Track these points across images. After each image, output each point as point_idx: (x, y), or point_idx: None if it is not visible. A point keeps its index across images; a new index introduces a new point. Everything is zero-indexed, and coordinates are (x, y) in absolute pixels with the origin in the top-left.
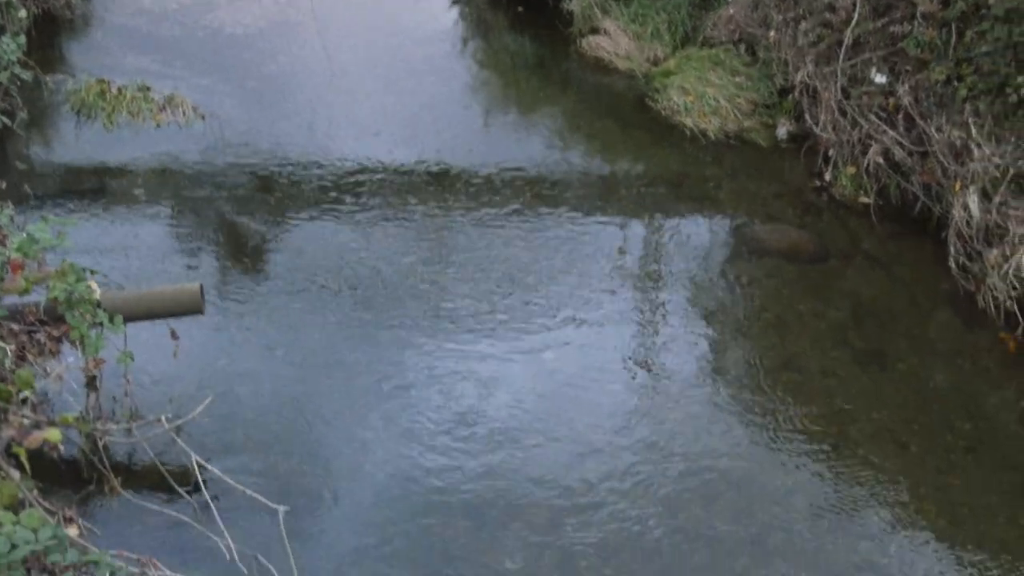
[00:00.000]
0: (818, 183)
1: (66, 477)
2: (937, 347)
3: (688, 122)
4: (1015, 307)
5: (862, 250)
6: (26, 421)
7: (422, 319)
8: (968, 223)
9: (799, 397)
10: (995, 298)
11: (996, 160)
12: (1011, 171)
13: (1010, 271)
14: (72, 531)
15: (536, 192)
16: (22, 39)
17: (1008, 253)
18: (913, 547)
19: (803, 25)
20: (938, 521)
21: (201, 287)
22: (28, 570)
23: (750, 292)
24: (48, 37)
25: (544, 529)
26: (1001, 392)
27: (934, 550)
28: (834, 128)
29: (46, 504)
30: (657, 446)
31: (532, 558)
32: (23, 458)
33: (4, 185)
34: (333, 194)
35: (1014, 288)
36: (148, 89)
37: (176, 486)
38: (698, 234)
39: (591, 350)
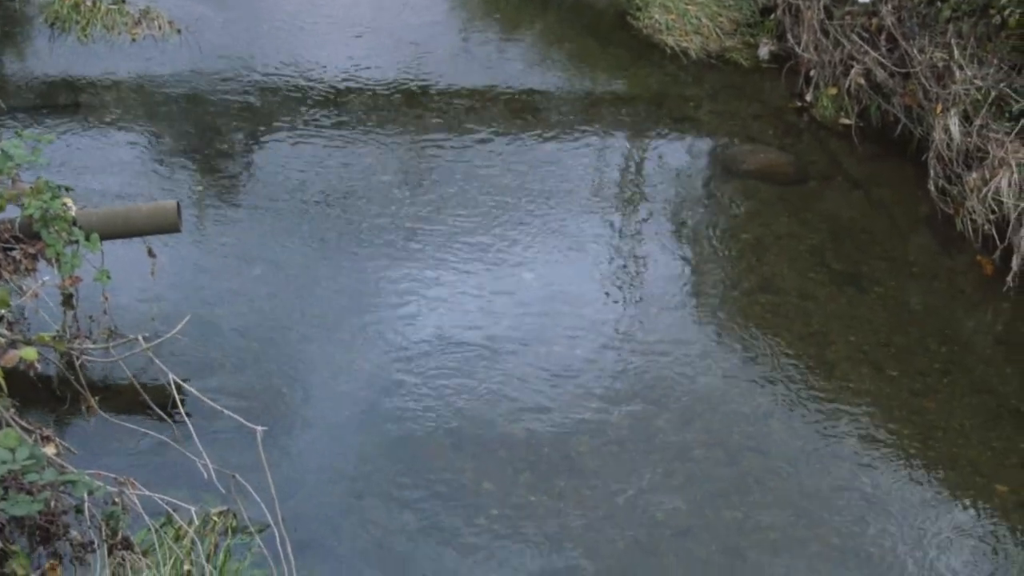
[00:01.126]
0: (799, 104)
1: (43, 396)
2: (914, 270)
3: (669, 41)
4: (993, 231)
5: (842, 172)
6: (2, 339)
7: (400, 239)
8: (948, 146)
9: (776, 319)
10: (973, 221)
11: (978, 83)
12: (992, 94)
13: (989, 194)
14: (50, 450)
15: (516, 111)
16: None
17: (987, 176)
18: (887, 469)
19: None
20: (912, 443)
21: (178, 205)
22: (5, 489)
23: (729, 213)
24: None
25: (521, 451)
26: (977, 315)
27: (908, 472)
28: (816, 48)
29: (23, 423)
30: (634, 367)
31: (508, 479)
32: None
33: None
34: (312, 112)
35: (992, 212)
36: (123, 2)
37: (154, 406)
38: (678, 155)
39: (570, 271)
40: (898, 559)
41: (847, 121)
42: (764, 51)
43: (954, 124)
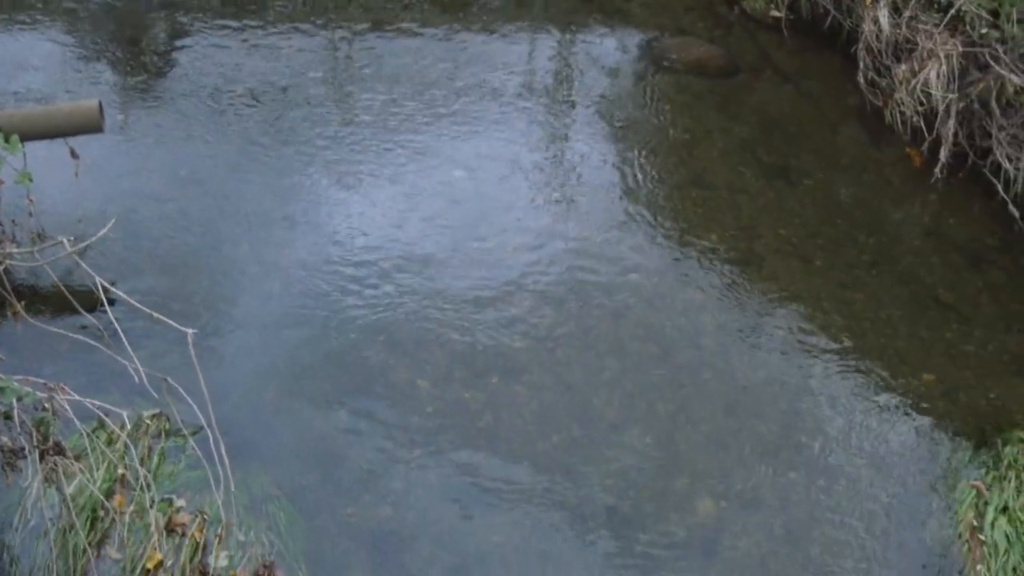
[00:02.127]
0: None
1: None
2: (843, 162)
3: None
4: (921, 123)
5: (771, 64)
6: None
7: (329, 136)
8: (878, 37)
9: (707, 213)
10: (902, 113)
11: None
12: None
13: (917, 86)
14: None
15: (445, 7)
16: None
17: (916, 68)
18: (817, 361)
19: None
20: (841, 335)
21: (100, 104)
22: None
23: (659, 107)
24: None
25: (455, 348)
26: (905, 207)
27: (837, 364)
28: None
29: None
30: (566, 263)
31: (442, 376)
32: None
33: None
34: (236, 8)
35: (921, 104)
36: None
37: (81, 310)
38: (608, 49)
39: (500, 167)
40: (828, 448)
41: (777, 14)
42: None
43: (883, 16)
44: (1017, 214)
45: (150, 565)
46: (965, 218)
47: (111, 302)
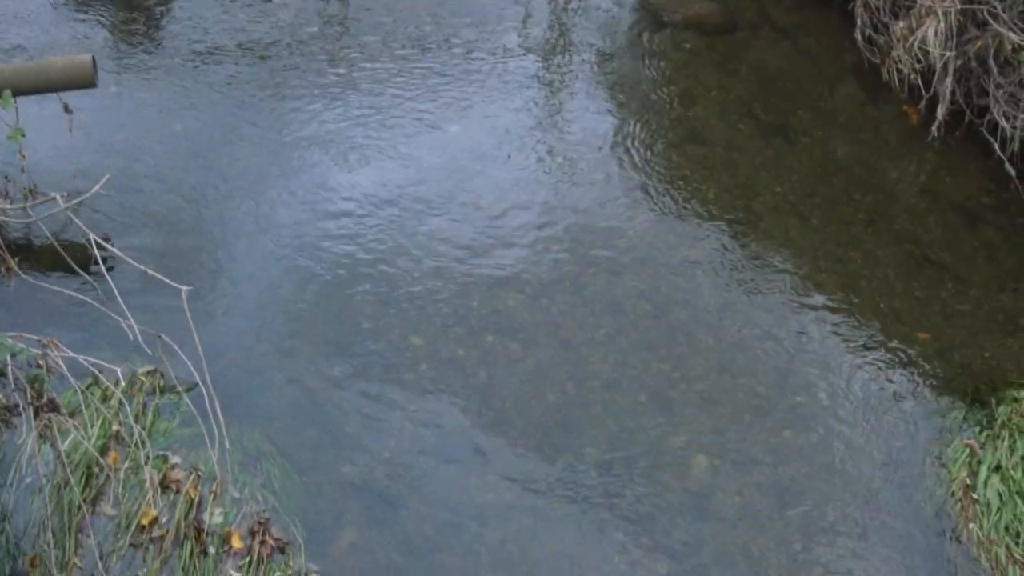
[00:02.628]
0: None
1: None
2: (841, 120)
3: None
4: (918, 80)
5: (769, 21)
6: None
7: (323, 92)
8: None
9: (704, 170)
10: (899, 71)
11: None
12: None
13: (915, 43)
14: None
15: None
16: None
17: (914, 25)
18: (812, 319)
19: None
20: (837, 293)
21: (93, 58)
22: None
23: (656, 64)
24: None
25: (451, 305)
26: (902, 165)
27: (832, 321)
28: None
29: None
30: (563, 220)
31: (438, 333)
32: None
33: None
34: None
35: (918, 61)
36: None
37: (75, 266)
38: (605, 4)
39: (496, 123)
40: (822, 407)
41: None
42: None
43: None
44: (1013, 173)
45: (145, 521)
46: (962, 176)
47: (105, 259)
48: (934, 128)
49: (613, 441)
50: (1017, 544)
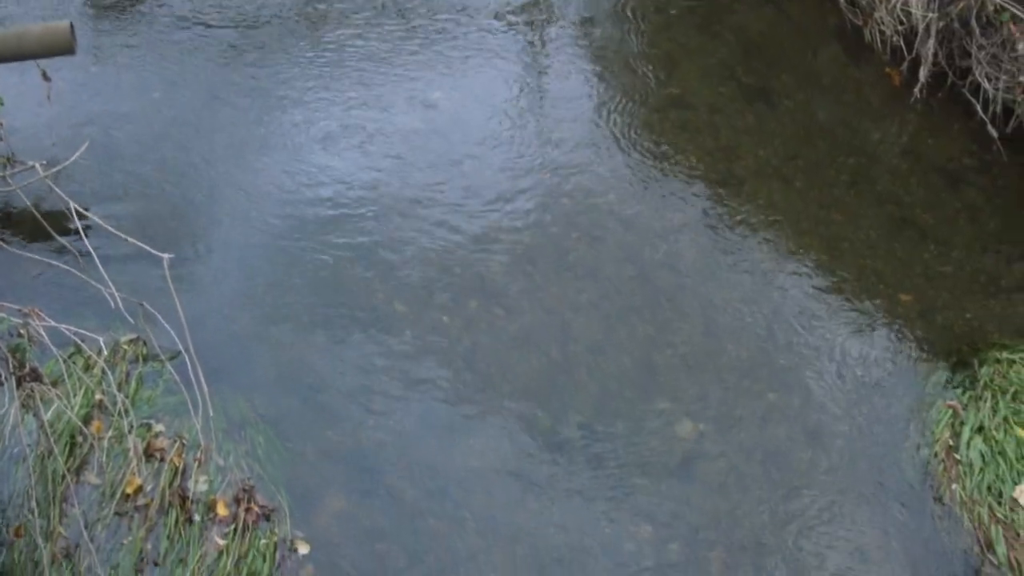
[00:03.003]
0: None
1: None
2: (823, 82)
3: None
4: (901, 42)
5: None
6: None
7: (306, 58)
8: None
9: (686, 134)
10: (882, 32)
11: None
12: None
13: (897, 5)
14: None
15: None
16: None
17: None
18: (795, 282)
19: None
20: (820, 255)
21: (71, 25)
22: None
23: (638, 27)
24: None
25: (434, 270)
26: (884, 127)
27: (815, 283)
28: None
29: None
30: (545, 185)
31: (422, 300)
32: None
33: None
34: None
35: (901, 23)
36: None
37: (56, 235)
38: None
39: (479, 89)
40: (806, 369)
41: None
42: None
43: None
44: (995, 134)
45: (129, 490)
46: (944, 138)
47: (86, 227)
48: (916, 90)
49: (598, 405)
50: (999, 504)
